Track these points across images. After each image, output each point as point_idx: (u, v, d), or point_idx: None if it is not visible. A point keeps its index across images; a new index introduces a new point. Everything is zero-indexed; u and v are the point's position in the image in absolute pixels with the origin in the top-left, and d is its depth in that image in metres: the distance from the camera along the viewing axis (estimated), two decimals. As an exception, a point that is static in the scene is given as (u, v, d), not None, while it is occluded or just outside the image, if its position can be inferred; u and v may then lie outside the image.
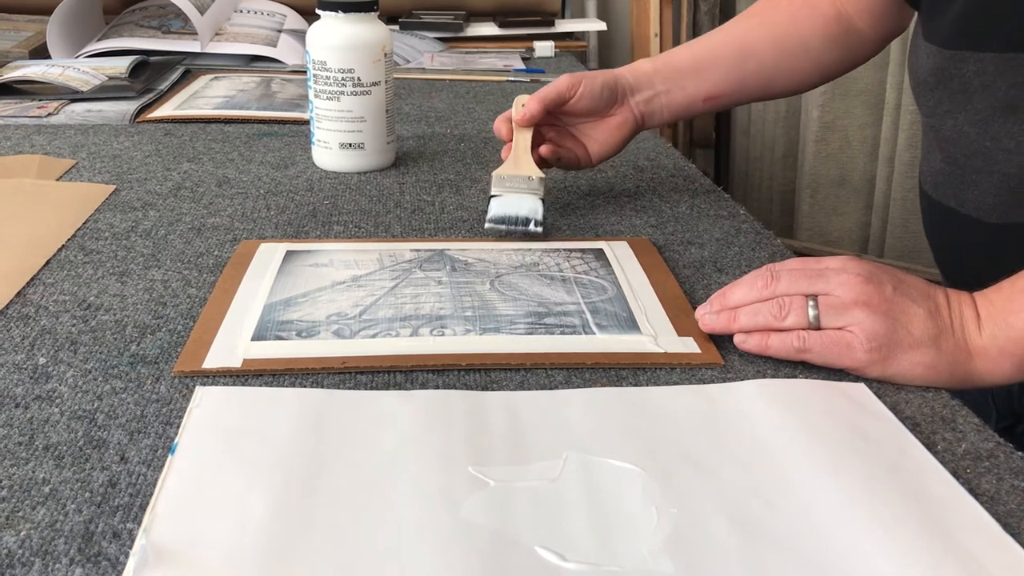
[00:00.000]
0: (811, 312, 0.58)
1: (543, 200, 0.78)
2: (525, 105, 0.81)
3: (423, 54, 1.56)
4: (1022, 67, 0.64)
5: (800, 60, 0.85)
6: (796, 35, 0.85)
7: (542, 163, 0.82)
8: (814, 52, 0.85)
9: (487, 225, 0.77)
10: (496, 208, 0.77)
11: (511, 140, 0.82)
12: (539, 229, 0.76)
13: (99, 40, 1.43)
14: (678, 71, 0.85)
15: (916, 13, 0.77)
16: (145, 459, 0.49)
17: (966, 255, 0.75)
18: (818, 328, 0.58)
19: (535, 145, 0.82)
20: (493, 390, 0.56)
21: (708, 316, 0.61)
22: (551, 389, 0.56)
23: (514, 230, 0.77)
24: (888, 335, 0.56)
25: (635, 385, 0.57)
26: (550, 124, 0.84)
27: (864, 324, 0.56)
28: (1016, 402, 0.75)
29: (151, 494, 0.46)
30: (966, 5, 0.67)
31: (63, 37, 1.39)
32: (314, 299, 0.66)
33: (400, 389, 0.56)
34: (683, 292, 0.69)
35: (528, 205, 0.77)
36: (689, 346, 0.61)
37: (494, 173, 0.79)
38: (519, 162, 0.80)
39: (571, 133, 0.85)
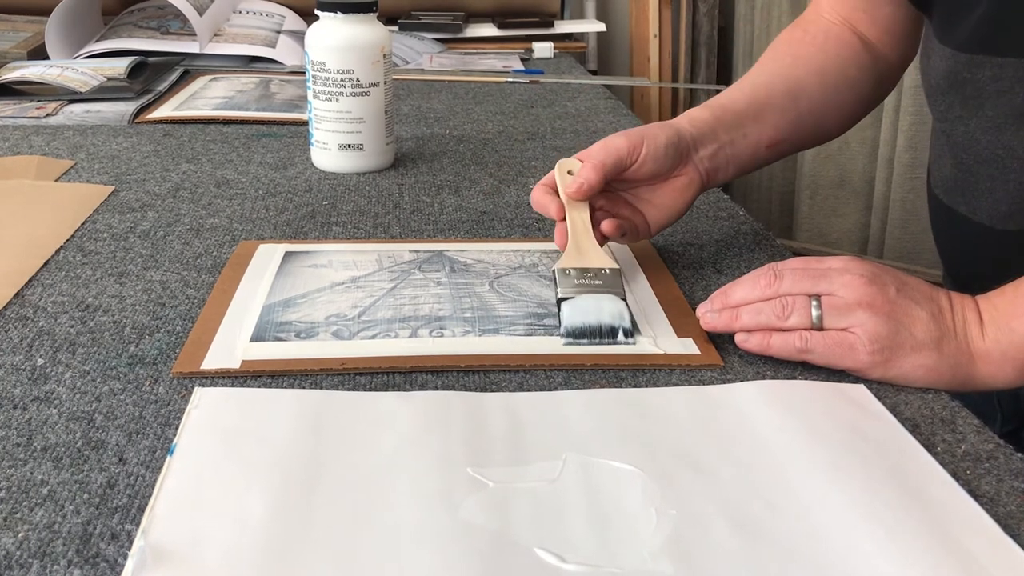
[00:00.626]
0: (814, 312, 0.57)
1: (625, 300, 0.63)
2: (578, 173, 0.68)
3: (422, 55, 1.56)
4: None
5: (843, 93, 0.80)
6: (834, 68, 0.79)
7: (601, 242, 0.68)
8: (854, 83, 0.80)
9: (564, 342, 0.61)
10: (571, 316, 0.62)
11: (563, 219, 0.68)
12: (632, 340, 0.61)
13: (98, 41, 1.43)
14: (738, 117, 0.74)
15: (927, 18, 0.75)
16: (144, 460, 0.49)
17: (976, 261, 0.74)
18: (820, 328, 0.57)
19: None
20: (492, 391, 0.56)
21: (710, 314, 0.61)
22: (550, 390, 0.56)
23: (599, 343, 0.61)
24: (891, 337, 0.56)
25: (634, 386, 0.57)
26: (599, 191, 0.70)
27: (867, 326, 0.56)
28: (1022, 405, 0.74)
29: (150, 495, 0.45)
30: (990, 8, 0.65)
31: (62, 38, 1.39)
32: (313, 300, 0.66)
33: (399, 390, 0.56)
34: (682, 293, 0.69)
35: (609, 308, 0.62)
36: (689, 347, 0.61)
37: (557, 267, 0.65)
38: (583, 250, 0.66)
39: (625, 200, 0.72)
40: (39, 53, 1.39)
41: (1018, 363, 0.56)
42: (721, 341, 0.62)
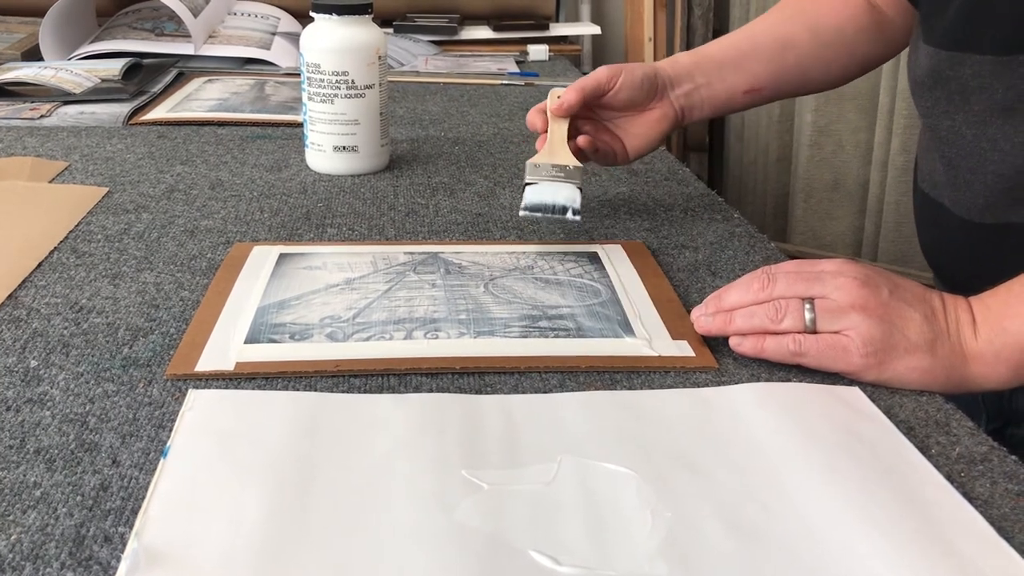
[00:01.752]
0: (807, 315, 0.58)
1: (581, 189, 0.75)
2: (562, 95, 0.79)
3: (417, 57, 1.56)
4: (1019, 69, 0.65)
5: (836, 50, 0.84)
6: (831, 25, 0.84)
7: (578, 157, 0.78)
8: (850, 42, 0.84)
9: (522, 213, 0.74)
10: (531, 196, 0.75)
11: (546, 131, 0.79)
12: (577, 217, 0.73)
13: (92, 42, 1.43)
14: (718, 63, 0.82)
15: (917, 14, 0.76)
16: (137, 462, 0.48)
17: (956, 254, 0.75)
18: (814, 332, 0.57)
19: (570, 139, 0.79)
20: (487, 393, 0.56)
21: (704, 318, 0.61)
22: (545, 392, 0.56)
23: (550, 218, 0.74)
24: (884, 339, 0.56)
25: (629, 388, 0.57)
26: (585, 118, 0.81)
27: (860, 328, 0.56)
28: (1006, 404, 0.75)
29: (143, 497, 0.45)
30: (963, 6, 0.67)
31: (56, 39, 1.39)
32: (307, 302, 0.66)
33: (394, 392, 0.56)
34: (677, 295, 0.69)
35: (565, 193, 0.74)
36: (683, 349, 0.61)
37: (528, 161, 0.77)
38: (555, 151, 0.77)
39: (607, 127, 0.82)
40: (33, 54, 1.39)
41: (1012, 363, 0.56)
42: (716, 343, 0.62)
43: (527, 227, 0.83)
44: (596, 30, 1.86)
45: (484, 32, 1.72)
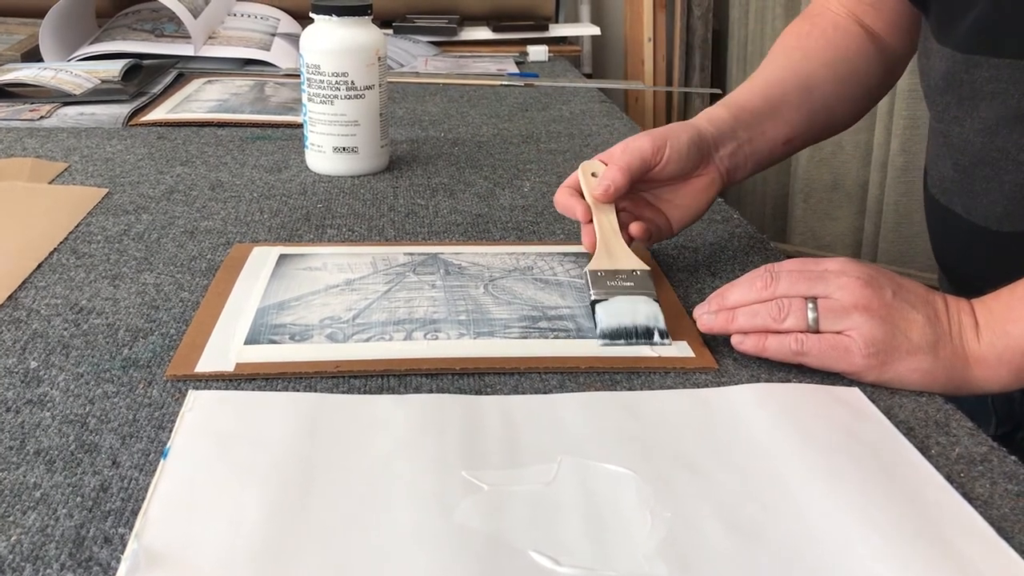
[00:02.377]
0: (810, 315, 0.57)
1: (658, 300, 0.64)
2: (604, 175, 0.69)
3: (417, 58, 1.56)
4: None
5: (853, 86, 0.80)
6: (843, 59, 0.80)
7: (628, 243, 0.69)
8: (863, 75, 0.81)
9: (601, 343, 0.61)
10: (606, 318, 0.62)
11: (590, 221, 0.69)
12: (667, 341, 0.61)
13: (92, 43, 1.43)
14: (755, 114, 0.75)
15: (924, 17, 0.76)
16: (137, 463, 0.48)
17: (972, 261, 0.74)
18: (816, 331, 0.57)
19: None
20: (487, 394, 0.56)
21: (706, 316, 0.61)
22: (545, 393, 0.56)
23: (635, 343, 0.61)
24: (887, 340, 0.56)
25: (629, 389, 0.57)
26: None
27: (863, 329, 0.56)
28: (1017, 408, 0.74)
29: (143, 499, 0.45)
30: (986, 8, 0.65)
31: (55, 40, 1.39)
32: (307, 303, 0.66)
33: (394, 393, 0.56)
34: (677, 296, 0.69)
35: (643, 310, 0.62)
36: (683, 350, 0.61)
37: (588, 270, 0.65)
38: (612, 252, 0.67)
39: (646, 200, 0.73)
40: (33, 55, 1.39)
41: (1013, 367, 0.56)
42: (716, 344, 0.62)
43: (527, 228, 0.83)
44: (596, 31, 1.86)
45: (483, 33, 1.72)
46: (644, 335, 0.61)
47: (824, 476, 0.48)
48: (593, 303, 0.63)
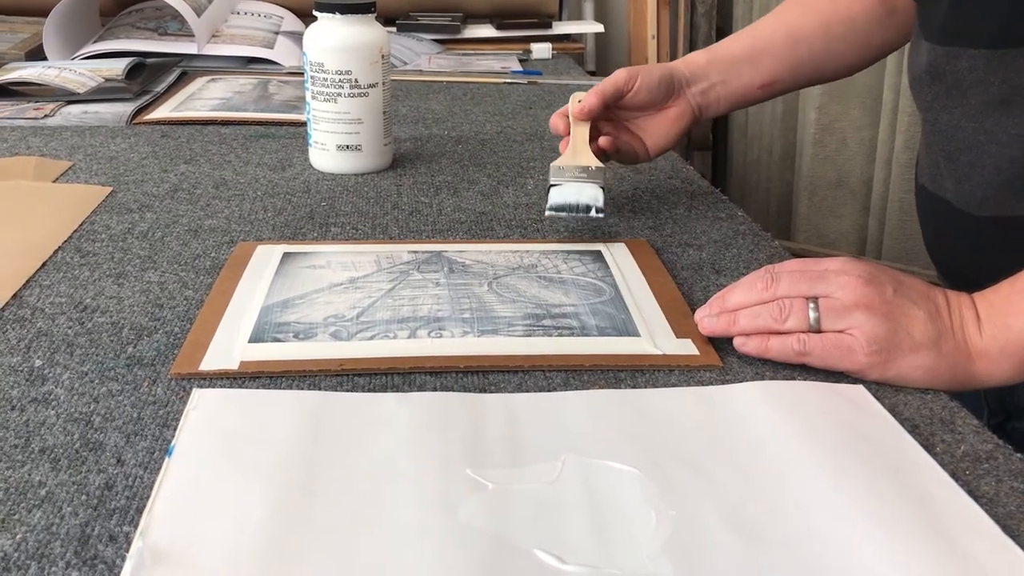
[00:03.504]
0: (812, 315, 0.57)
1: (603, 188, 0.77)
2: (583, 99, 0.81)
3: (420, 56, 1.56)
4: (1013, 63, 0.65)
5: (848, 42, 0.86)
6: (842, 17, 0.85)
7: (601, 157, 0.81)
8: (861, 34, 0.85)
9: (548, 212, 0.76)
10: (556, 196, 0.77)
11: (568, 135, 0.82)
12: (601, 215, 0.76)
13: (95, 42, 1.43)
14: (733, 60, 0.85)
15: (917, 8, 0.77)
16: (142, 462, 0.48)
17: (958, 248, 0.75)
18: (818, 331, 0.57)
19: (592, 140, 0.81)
20: (491, 392, 0.56)
21: (708, 319, 0.61)
22: (549, 391, 0.56)
23: (575, 216, 0.77)
24: (889, 338, 0.56)
25: (633, 387, 0.57)
26: (605, 119, 0.84)
27: (865, 327, 0.56)
28: (1007, 398, 0.75)
29: (148, 497, 0.45)
30: (955, 0, 0.67)
31: (59, 39, 1.39)
32: (311, 301, 0.66)
33: (398, 391, 0.56)
34: (681, 294, 0.69)
35: (588, 192, 0.77)
36: (687, 348, 0.61)
37: (552, 164, 0.79)
38: (577, 153, 0.80)
39: (627, 127, 0.85)
40: (37, 54, 1.39)
41: (1016, 360, 0.56)
42: (720, 341, 0.62)
43: (531, 226, 0.83)
44: (599, 28, 1.85)
45: (487, 31, 1.71)
46: (584, 209, 0.76)
47: (829, 474, 0.48)
48: (550, 187, 0.78)
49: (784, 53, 0.85)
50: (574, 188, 0.77)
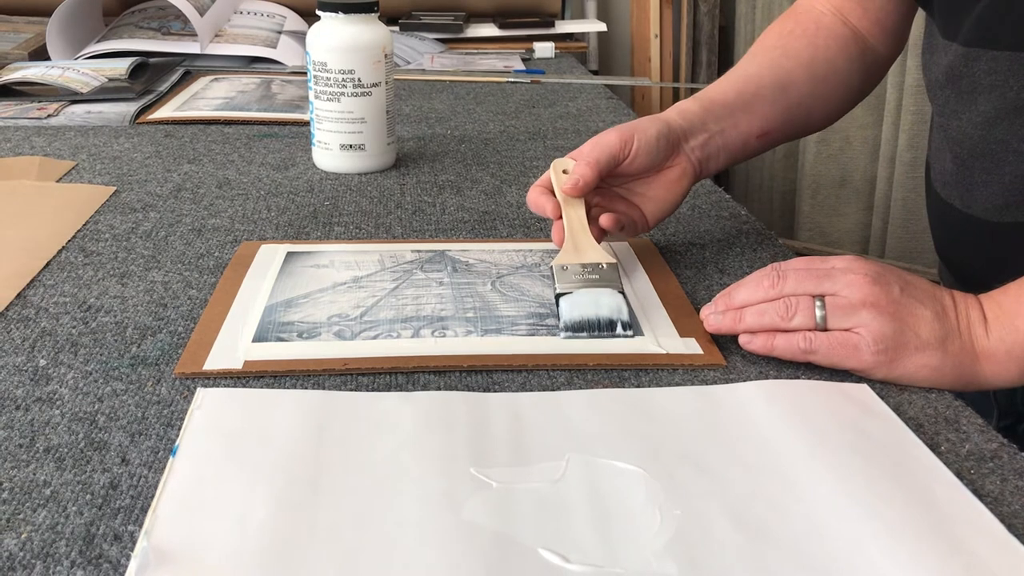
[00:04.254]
0: (818, 313, 0.57)
1: (623, 293, 0.64)
2: (573, 171, 0.69)
3: (423, 55, 1.56)
4: None
5: (832, 85, 0.81)
6: (823, 59, 0.80)
7: (600, 238, 0.69)
8: (843, 75, 0.81)
9: (563, 335, 0.62)
10: (569, 311, 0.62)
11: (559, 217, 0.69)
12: (629, 332, 0.62)
13: (99, 42, 1.43)
14: (727, 107, 0.76)
15: (927, 14, 0.76)
16: (146, 461, 0.48)
17: (972, 254, 0.74)
18: (824, 329, 0.57)
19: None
20: (495, 391, 0.56)
21: (713, 316, 0.61)
22: (553, 390, 0.56)
23: (598, 336, 0.62)
24: (895, 337, 0.56)
25: (637, 386, 0.57)
26: (594, 189, 0.71)
27: (871, 326, 0.56)
28: (1019, 401, 0.74)
29: (152, 496, 0.45)
30: (991, 1, 0.65)
31: (63, 39, 1.39)
32: (315, 300, 0.66)
33: (401, 391, 0.56)
34: (685, 293, 0.69)
35: (607, 302, 0.62)
36: (691, 347, 0.61)
37: (554, 264, 0.65)
38: (580, 246, 0.67)
39: (620, 195, 0.73)
40: (40, 54, 1.39)
41: (1023, 362, 0.56)
42: (724, 341, 0.62)
43: (534, 225, 0.82)
44: (602, 27, 1.85)
45: (490, 30, 1.71)
46: (607, 327, 0.62)
47: (833, 473, 0.48)
48: (558, 296, 0.63)
49: (775, 98, 0.78)
50: (589, 299, 0.63)
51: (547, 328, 0.63)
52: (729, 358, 0.60)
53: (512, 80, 1.41)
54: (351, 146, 0.94)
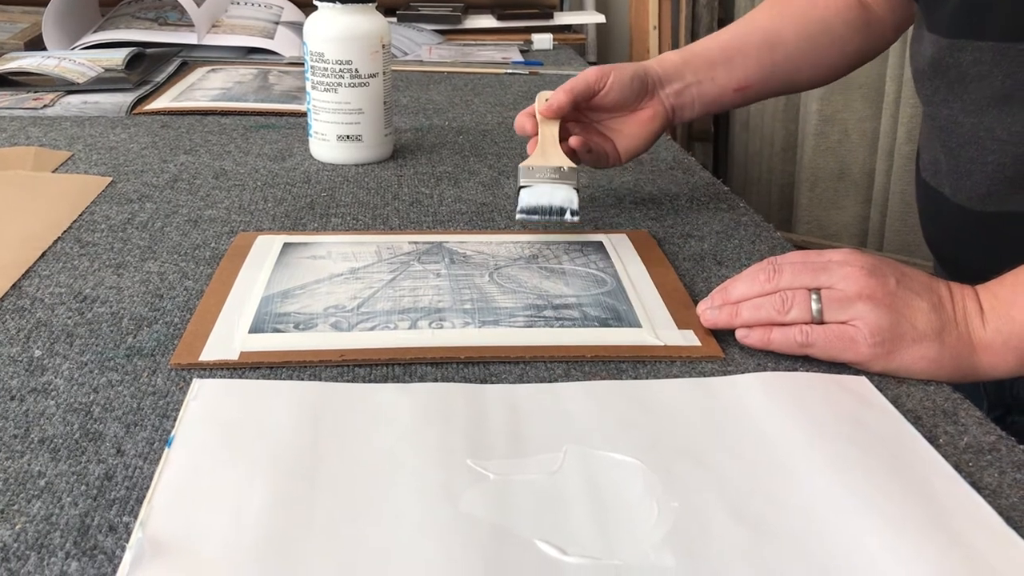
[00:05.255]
0: (814, 306, 0.57)
1: (577, 189, 0.73)
2: (551, 97, 0.77)
3: (421, 46, 1.55)
4: (1019, 57, 0.64)
5: (825, 47, 0.83)
6: (819, 21, 0.83)
7: (571, 158, 0.77)
8: (838, 39, 0.83)
9: (518, 216, 0.72)
10: (527, 198, 0.73)
11: (536, 134, 0.77)
12: (576, 218, 0.72)
13: (95, 32, 1.42)
14: (708, 61, 0.81)
15: (916, 3, 0.76)
16: (142, 452, 0.48)
17: (958, 243, 0.75)
18: (821, 322, 0.57)
19: (561, 142, 0.77)
20: (492, 383, 0.55)
21: (710, 311, 0.61)
22: (550, 382, 0.56)
23: (549, 220, 0.72)
24: (892, 329, 0.56)
25: (635, 378, 0.57)
26: (575, 120, 0.80)
27: (868, 318, 0.56)
28: (1007, 392, 0.74)
29: (148, 487, 0.45)
30: None
31: (59, 29, 1.38)
32: (312, 291, 0.66)
33: (399, 382, 0.55)
34: (683, 285, 0.69)
35: (561, 194, 0.73)
36: (689, 339, 0.61)
37: (521, 164, 0.75)
38: (547, 153, 0.76)
39: (598, 129, 0.81)
40: (36, 44, 1.39)
41: (1020, 352, 0.56)
42: (722, 333, 0.61)
43: (532, 216, 0.82)
44: (600, 19, 1.85)
45: (488, 21, 1.71)
46: (558, 212, 0.72)
47: (831, 465, 0.48)
48: (519, 188, 0.73)
49: (760, 56, 0.82)
50: (546, 190, 0.73)
51: (545, 320, 0.62)
52: (727, 350, 0.60)
53: (510, 72, 1.41)
54: (348, 137, 0.94)
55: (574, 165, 0.75)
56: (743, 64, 0.81)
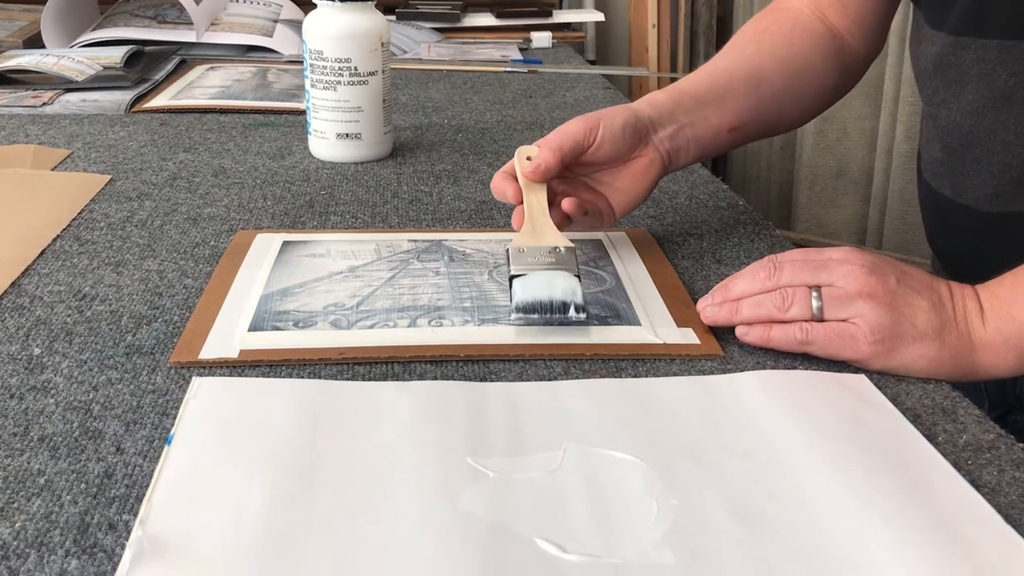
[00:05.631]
0: (814, 303, 0.57)
1: (579, 277, 0.62)
2: (536, 157, 0.68)
3: (420, 44, 1.55)
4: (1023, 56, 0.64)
5: (807, 82, 0.79)
6: (799, 56, 0.79)
7: (561, 226, 0.67)
8: (818, 73, 0.80)
9: (513, 316, 0.60)
10: (522, 292, 0.61)
11: (521, 202, 0.68)
12: (582, 316, 0.60)
13: (94, 30, 1.42)
14: (698, 100, 0.74)
15: (913, 5, 0.76)
16: (141, 450, 0.48)
17: (962, 243, 0.75)
18: (821, 320, 0.57)
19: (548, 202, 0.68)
20: (492, 381, 0.55)
21: (710, 308, 0.61)
22: (550, 380, 0.56)
23: (550, 319, 0.60)
24: (892, 327, 0.56)
25: (634, 376, 0.57)
26: (560, 176, 0.70)
27: (868, 316, 0.56)
28: (1009, 391, 0.75)
29: (147, 485, 0.45)
30: None
31: (58, 26, 1.38)
32: (311, 289, 0.66)
33: (398, 380, 0.55)
34: (682, 283, 0.69)
35: (561, 285, 0.61)
36: (688, 337, 0.61)
37: (510, 247, 0.64)
38: (538, 229, 0.65)
39: (587, 184, 0.72)
40: (35, 42, 1.38)
41: (1020, 351, 0.56)
42: (721, 331, 0.61)
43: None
44: (600, 17, 1.85)
45: (487, 19, 1.71)
46: (560, 309, 0.60)
47: (830, 463, 0.48)
48: (511, 278, 0.62)
49: (748, 92, 0.76)
50: (543, 280, 0.61)
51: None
52: (726, 348, 0.60)
53: (509, 70, 1.41)
54: (347, 135, 0.94)
55: (571, 244, 0.64)
56: (734, 103, 0.76)
